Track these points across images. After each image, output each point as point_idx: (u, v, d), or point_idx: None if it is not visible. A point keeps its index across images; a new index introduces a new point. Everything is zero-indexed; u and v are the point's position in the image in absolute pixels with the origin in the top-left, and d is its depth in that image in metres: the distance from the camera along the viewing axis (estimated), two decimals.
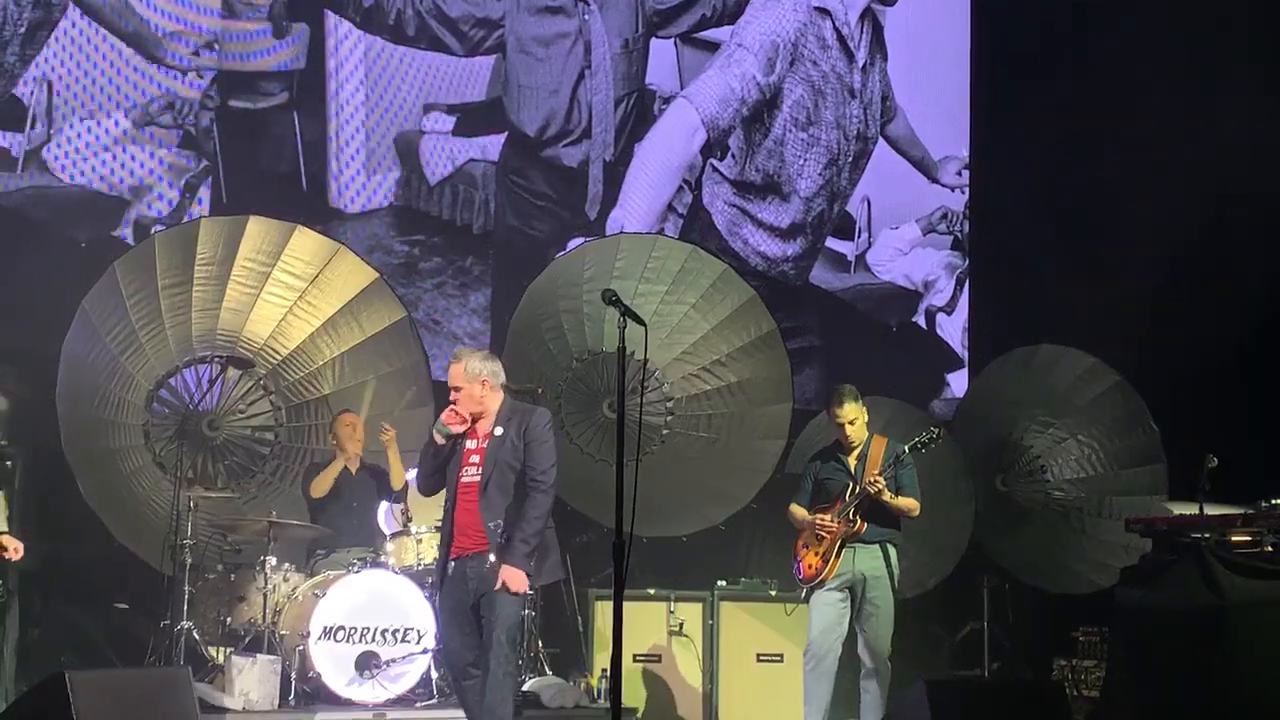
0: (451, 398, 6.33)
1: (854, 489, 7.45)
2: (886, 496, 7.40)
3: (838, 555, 7.46)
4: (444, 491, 6.39)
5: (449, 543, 6.29)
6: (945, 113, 11.60)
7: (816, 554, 7.52)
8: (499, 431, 6.29)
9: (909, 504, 7.53)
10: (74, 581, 8.37)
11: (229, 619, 7.93)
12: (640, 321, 5.46)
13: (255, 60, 9.68)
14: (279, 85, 9.74)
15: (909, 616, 8.89)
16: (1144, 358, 9.78)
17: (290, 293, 8.67)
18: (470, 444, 6.36)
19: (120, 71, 9.29)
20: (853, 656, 7.58)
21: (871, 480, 7.36)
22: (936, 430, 7.73)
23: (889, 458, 7.53)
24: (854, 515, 7.43)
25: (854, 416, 7.59)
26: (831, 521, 7.46)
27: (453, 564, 6.28)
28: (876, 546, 7.51)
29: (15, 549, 6.81)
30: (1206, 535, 6.90)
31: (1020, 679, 9.23)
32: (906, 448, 7.54)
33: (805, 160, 11.05)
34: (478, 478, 6.24)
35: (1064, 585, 9.68)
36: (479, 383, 6.33)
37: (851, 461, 7.60)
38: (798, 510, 7.68)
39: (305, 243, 8.59)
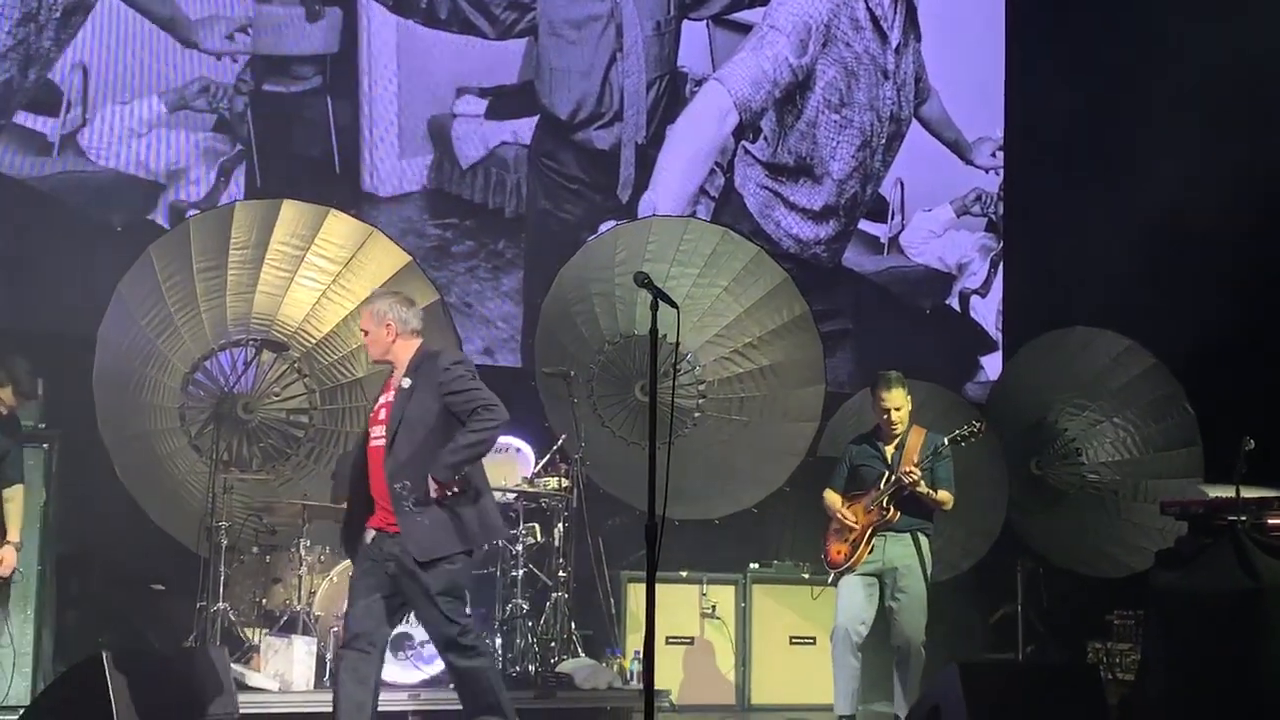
0: (364, 341, 5.94)
1: (889, 478, 7.44)
2: (922, 488, 7.38)
3: (868, 542, 7.45)
4: None
5: (365, 513, 5.91)
6: (979, 93, 11.54)
7: (847, 540, 7.51)
8: (406, 384, 5.78)
9: (944, 497, 7.51)
10: (111, 564, 8.44)
11: (264, 600, 7.98)
12: (672, 304, 5.45)
13: (288, 44, 9.70)
14: (312, 69, 9.76)
15: (942, 600, 8.88)
16: (1180, 339, 9.71)
17: (324, 276, 8.69)
18: (381, 398, 5.89)
19: (155, 56, 9.32)
20: (886, 642, 7.57)
21: (908, 471, 7.34)
22: (978, 424, 7.69)
23: (928, 449, 7.50)
24: (887, 504, 7.42)
25: (899, 404, 7.57)
26: (861, 512, 7.46)
27: (372, 533, 5.90)
28: (908, 535, 7.50)
29: (6, 562, 6.86)
30: (1242, 518, 6.85)
31: (1054, 662, 9.21)
32: (946, 440, 7.51)
33: (838, 142, 11.02)
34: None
35: (1098, 568, 9.65)
36: (384, 327, 5.84)
37: (889, 450, 7.58)
38: (831, 495, 7.67)
39: (339, 226, 8.61)
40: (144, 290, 8.18)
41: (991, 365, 11.19)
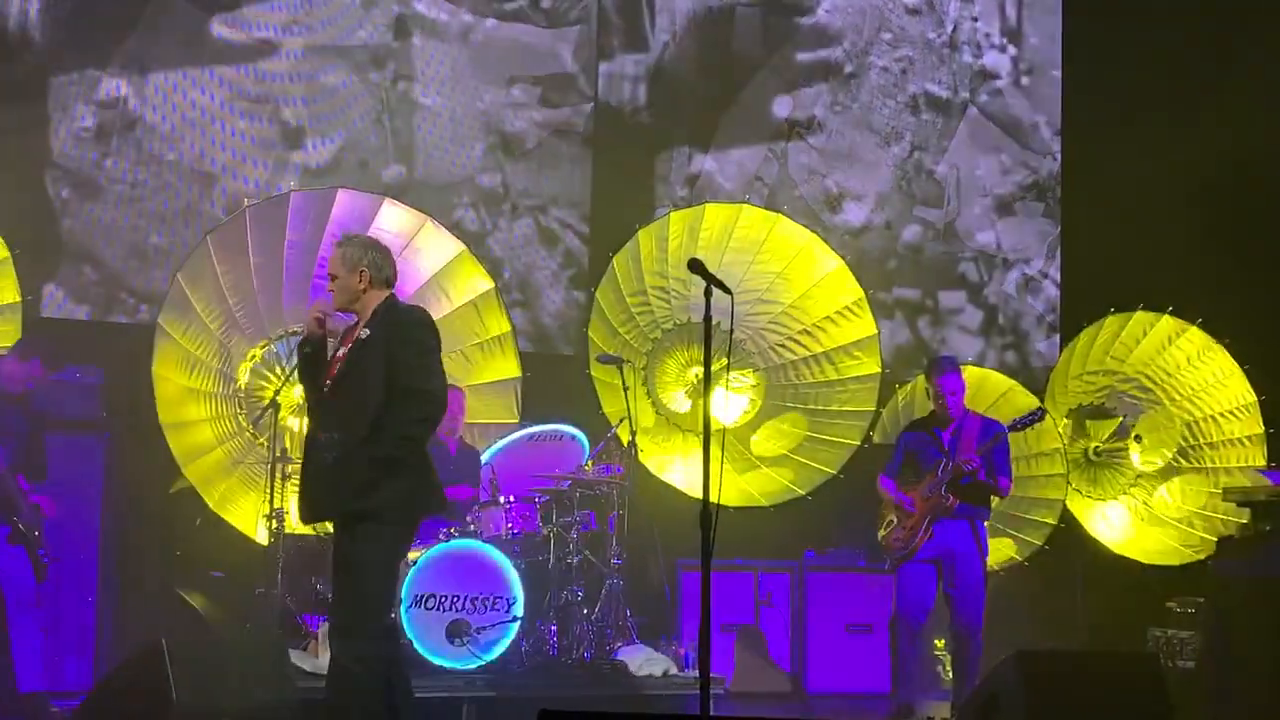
0: (328, 287, 5.60)
1: (946, 464, 7.38)
2: (980, 475, 7.32)
3: (926, 529, 7.40)
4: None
5: None
6: (1037, 77, 11.42)
7: (904, 527, 7.47)
8: (365, 334, 5.47)
9: (1002, 484, 7.45)
10: (170, 551, 8.51)
11: (322, 586, 8.03)
12: (726, 290, 5.43)
13: (343, 34, 9.75)
14: (367, 58, 9.80)
15: (1001, 588, 8.83)
16: (1242, 322, 9.58)
17: None
18: (341, 350, 5.57)
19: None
20: (945, 629, 7.53)
21: (967, 459, 7.29)
22: (1038, 411, 7.62)
23: (986, 436, 7.43)
24: (945, 491, 7.36)
25: (954, 389, 7.51)
26: (919, 499, 7.41)
27: None
28: (965, 522, 7.45)
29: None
30: None
31: (1114, 650, 9.12)
32: (1005, 427, 7.45)
33: (893, 127, 10.95)
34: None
35: (1159, 555, 9.54)
36: (356, 273, 5.51)
37: (946, 435, 7.52)
38: (887, 482, 7.63)
39: (393, 214, 8.64)
40: (202, 279, 8.25)
41: (1049, 350, 11.09)
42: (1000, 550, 9.24)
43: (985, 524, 7.51)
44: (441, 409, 5.59)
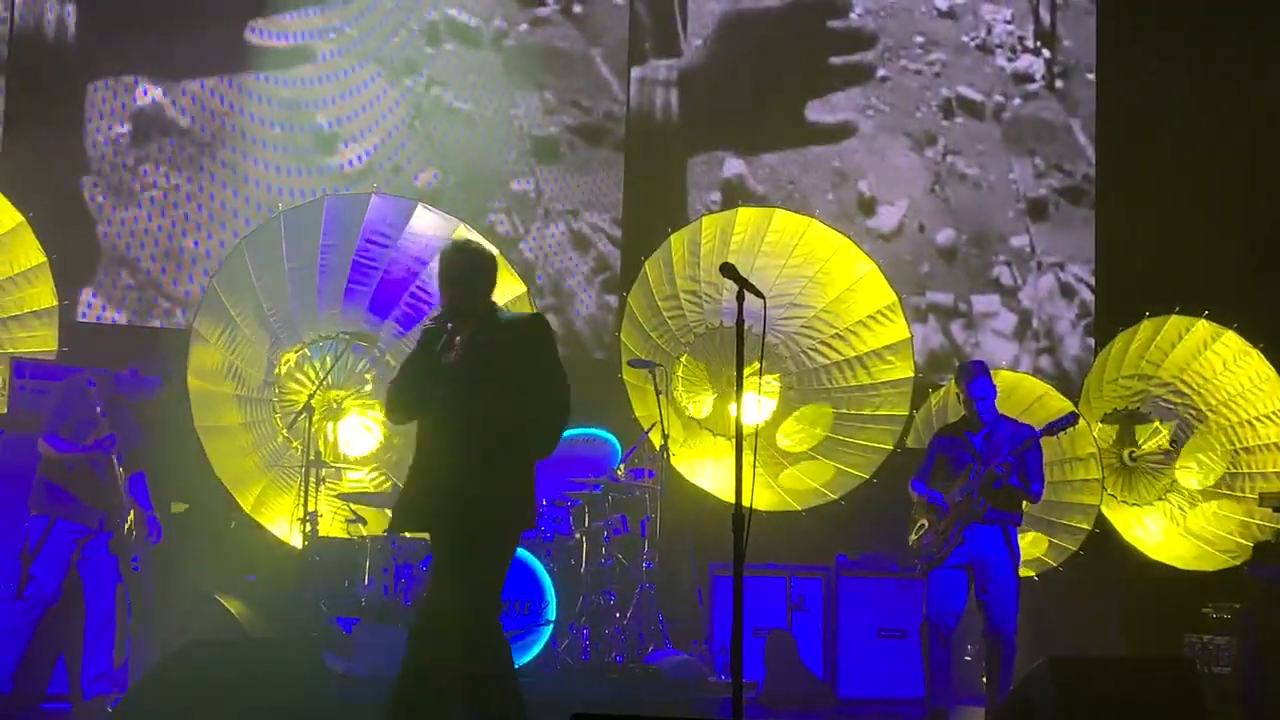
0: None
1: (978, 468, 7.34)
2: (1012, 480, 7.29)
3: (958, 534, 7.37)
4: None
5: None
6: (1071, 80, 11.38)
7: (936, 531, 7.44)
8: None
9: (1034, 489, 7.41)
10: (205, 554, 8.56)
11: (356, 589, 8.06)
12: (759, 294, 5.42)
13: (377, 40, 9.82)
14: (401, 63, 9.85)
15: (1036, 593, 8.79)
16: (1279, 327, 9.51)
17: (412, 270, 8.75)
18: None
19: None
20: (978, 634, 7.49)
21: (1001, 463, 7.25)
22: (1072, 416, 7.57)
23: (1018, 440, 7.39)
24: (978, 495, 7.33)
25: (986, 393, 7.48)
26: (951, 503, 7.37)
27: None
28: (998, 528, 7.40)
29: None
30: None
31: (1149, 656, 9.07)
32: (1039, 431, 7.40)
33: (926, 131, 10.95)
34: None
35: (1194, 561, 9.48)
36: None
37: (978, 440, 7.49)
38: (918, 487, 7.60)
39: (427, 219, 8.67)
40: (237, 284, 8.29)
41: (1085, 354, 11.04)
42: (1035, 555, 9.21)
43: (1017, 528, 7.47)
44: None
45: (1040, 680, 6.54)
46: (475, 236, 8.76)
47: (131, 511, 7.14)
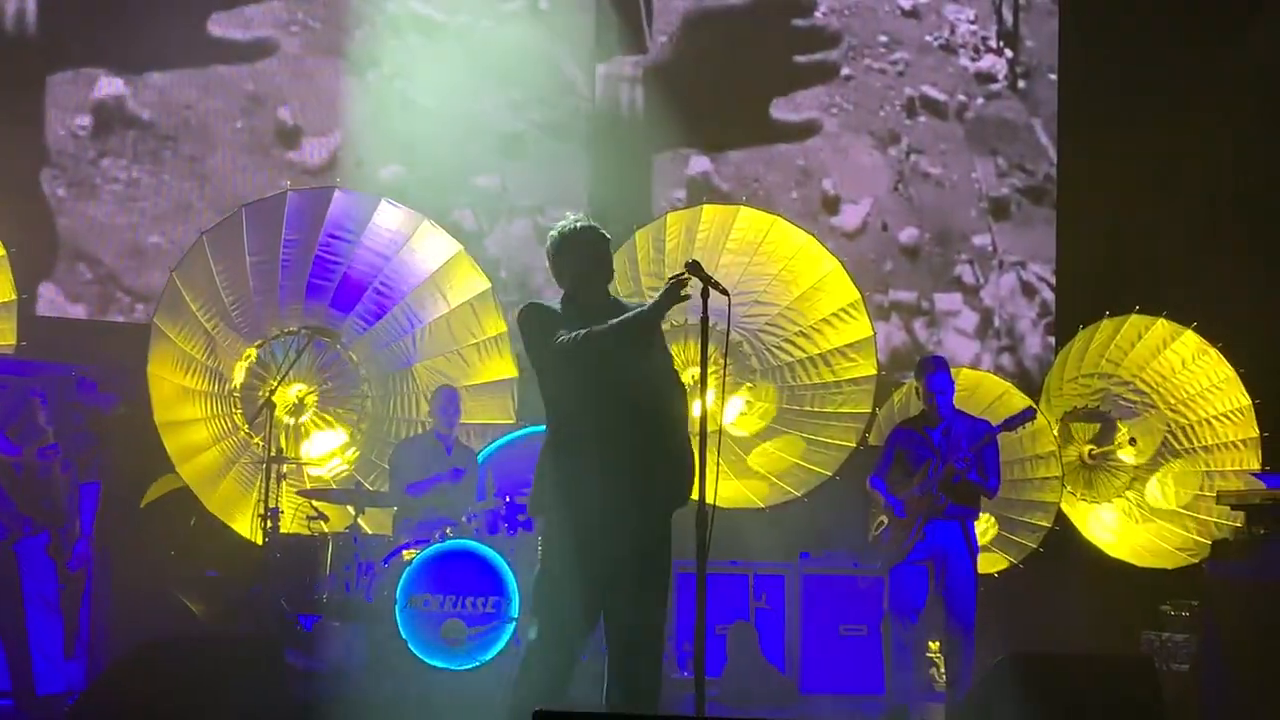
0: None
1: (937, 464, 7.38)
2: (970, 475, 7.33)
3: (918, 530, 7.41)
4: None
5: None
6: (1034, 80, 11.43)
7: (897, 528, 7.47)
8: None
9: (991, 484, 7.46)
10: (165, 550, 8.51)
11: (317, 586, 8.03)
12: (724, 291, 5.43)
13: (340, 33, 9.77)
14: (364, 57, 9.81)
15: (997, 590, 8.83)
16: (1237, 327, 9.60)
17: (376, 264, 8.72)
18: None
19: None
20: (937, 629, 7.53)
21: (961, 458, 7.29)
22: (1030, 410, 7.62)
23: (976, 435, 7.44)
24: (937, 491, 7.37)
25: (944, 388, 7.51)
26: (911, 499, 7.41)
27: None
28: (956, 523, 7.45)
29: None
30: None
31: (1109, 654, 9.13)
32: (998, 428, 7.45)
33: (890, 130, 10.98)
34: None
35: (1153, 558, 9.55)
36: None
37: (936, 435, 7.52)
38: (876, 482, 7.63)
39: (390, 214, 8.65)
40: (198, 278, 8.25)
41: (1046, 353, 11.10)
42: (994, 558, 9.26)
43: (975, 524, 7.51)
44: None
45: (1000, 677, 6.58)
46: (439, 232, 8.77)
47: (75, 522, 7.11)
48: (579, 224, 5.71)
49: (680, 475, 5.33)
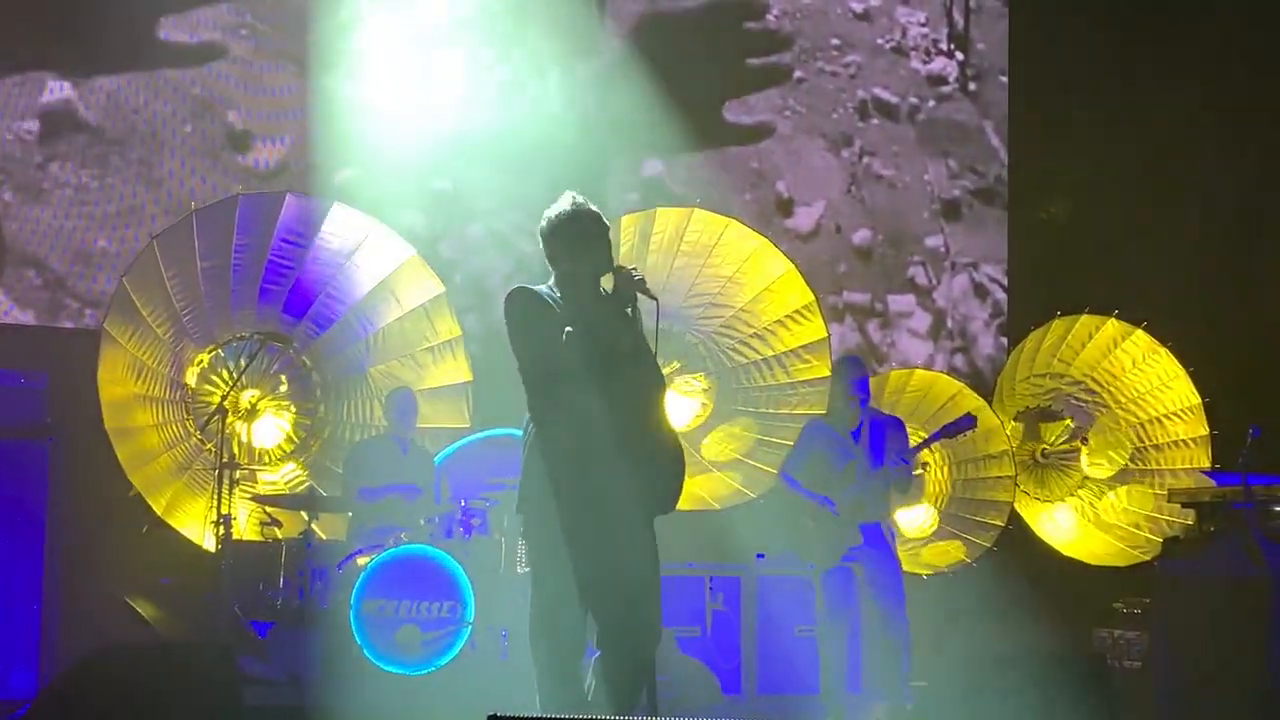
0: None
1: (866, 468, 7.48)
2: (907, 475, 7.45)
3: (853, 532, 7.50)
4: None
5: None
6: (985, 82, 11.51)
7: (832, 528, 7.55)
8: None
9: (908, 474, 7.59)
10: (117, 558, 8.44)
11: (271, 593, 7.98)
12: (652, 296, 5.43)
13: (291, 37, 9.72)
14: (316, 60, 9.76)
15: (948, 590, 8.89)
16: (1188, 326, 9.69)
17: (329, 268, 8.69)
18: None
19: None
20: (880, 631, 7.61)
21: (905, 466, 7.40)
22: (969, 417, 7.72)
23: (895, 430, 7.57)
24: (876, 492, 7.47)
25: (868, 391, 7.64)
26: (847, 500, 7.48)
27: None
28: (877, 523, 7.57)
29: None
30: (1249, 506, 6.84)
31: (1058, 650, 9.20)
32: (939, 433, 7.55)
33: (842, 132, 11.03)
34: None
35: (1106, 558, 9.63)
36: None
37: (857, 435, 7.62)
38: (793, 482, 7.70)
39: (343, 218, 8.61)
40: (148, 283, 8.19)
41: (998, 353, 11.17)
42: (949, 553, 9.31)
43: (898, 525, 7.66)
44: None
45: (939, 674, 6.61)
46: (393, 236, 8.74)
47: None
48: (568, 208, 5.63)
49: (669, 474, 5.29)
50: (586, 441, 5.18)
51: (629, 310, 5.33)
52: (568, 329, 5.19)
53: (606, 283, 5.47)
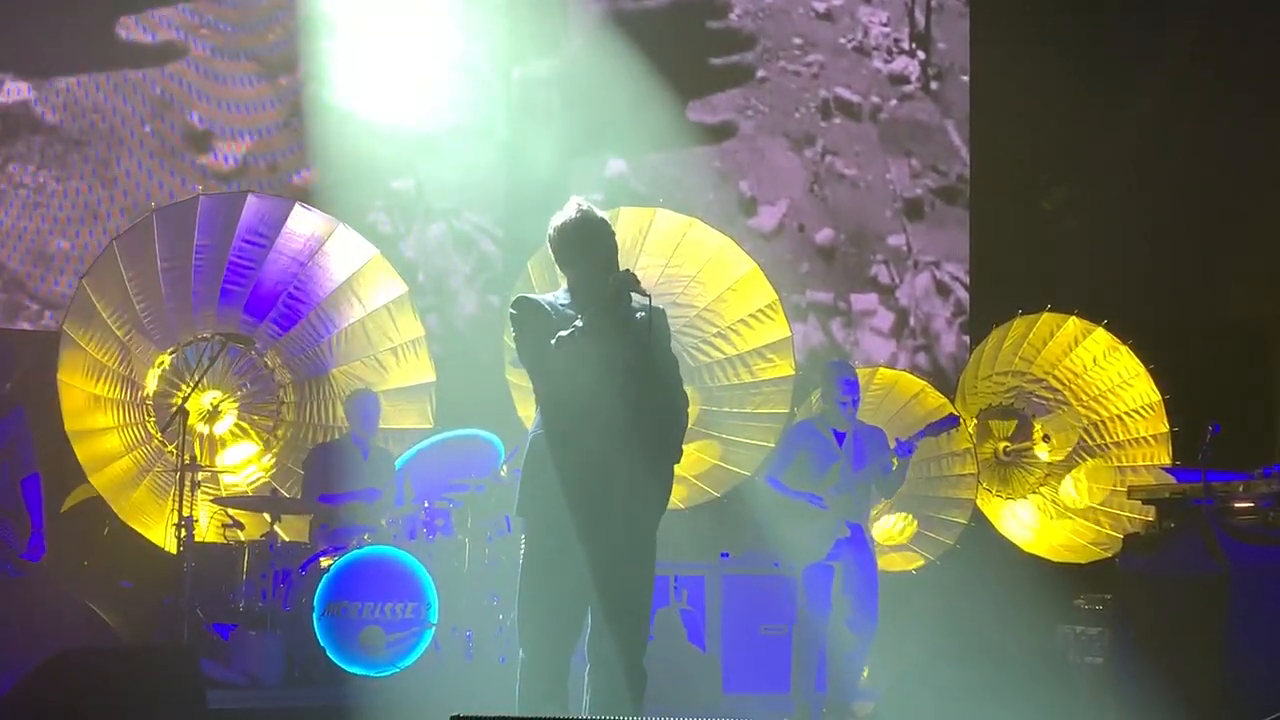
0: None
1: (849, 470, 7.49)
2: (886, 475, 7.46)
3: (839, 530, 7.50)
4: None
5: None
6: (946, 81, 11.56)
7: (814, 528, 7.56)
8: None
9: (895, 486, 7.62)
10: (78, 560, 8.38)
11: (233, 595, 7.94)
12: (644, 294, 5.45)
13: (251, 36, 9.67)
14: (276, 60, 9.71)
15: (912, 588, 8.93)
16: (1148, 324, 9.76)
17: (291, 269, 8.65)
18: None
19: None
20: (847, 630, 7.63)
21: (886, 467, 7.43)
22: (953, 417, 7.76)
23: (880, 438, 7.58)
24: (855, 492, 7.48)
25: (855, 394, 7.63)
26: (829, 500, 7.49)
27: None
28: (859, 524, 7.59)
29: None
30: (1209, 503, 6.89)
31: (1021, 647, 9.24)
32: (924, 431, 7.58)
33: (805, 132, 11.05)
34: None
35: (1068, 553, 9.69)
36: None
37: (842, 438, 7.63)
38: (777, 485, 7.71)
39: (304, 218, 8.58)
40: (108, 284, 8.13)
41: (960, 352, 11.22)
42: (911, 560, 9.35)
43: (872, 525, 7.67)
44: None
45: (914, 669, 6.63)
46: (354, 236, 8.71)
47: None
48: (574, 215, 5.63)
49: (659, 481, 5.39)
50: (581, 445, 5.19)
51: (639, 315, 5.31)
52: (560, 334, 5.18)
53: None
